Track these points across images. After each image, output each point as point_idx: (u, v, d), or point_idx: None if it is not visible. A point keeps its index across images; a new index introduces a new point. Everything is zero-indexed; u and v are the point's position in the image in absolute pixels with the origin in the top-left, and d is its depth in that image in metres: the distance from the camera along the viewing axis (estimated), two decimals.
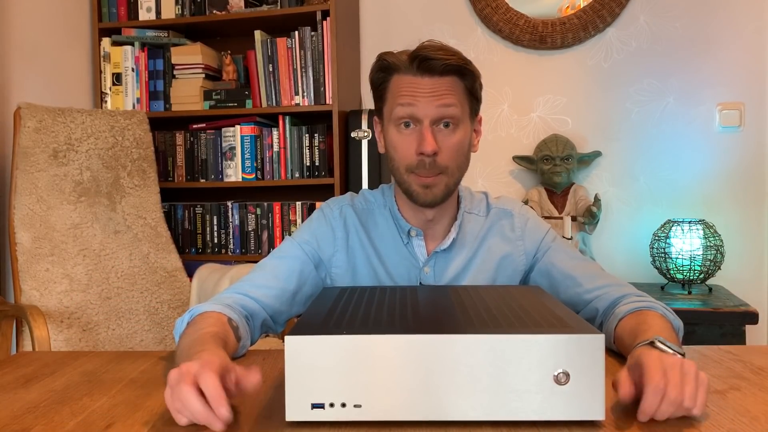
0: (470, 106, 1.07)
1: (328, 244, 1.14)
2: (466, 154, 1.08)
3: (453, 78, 1.04)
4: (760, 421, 0.69)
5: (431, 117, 1.02)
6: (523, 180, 2.57)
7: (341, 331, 0.67)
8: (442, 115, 1.02)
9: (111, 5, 2.56)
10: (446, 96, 1.02)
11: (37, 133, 2.04)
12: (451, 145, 1.04)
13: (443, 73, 1.02)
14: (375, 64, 1.09)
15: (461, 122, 1.05)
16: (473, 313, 0.76)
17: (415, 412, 0.66)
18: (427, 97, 1.02)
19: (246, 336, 0.99)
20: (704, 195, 2.42)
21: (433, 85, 1.02)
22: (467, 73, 1.04)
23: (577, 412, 0.66)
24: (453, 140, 1.04)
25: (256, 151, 2.48)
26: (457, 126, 1.04)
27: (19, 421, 0.72)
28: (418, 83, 1.03)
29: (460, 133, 1.05)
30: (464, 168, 1.09)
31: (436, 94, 1.02)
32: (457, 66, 1.03)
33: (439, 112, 1.02)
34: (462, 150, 1.06)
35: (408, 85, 1.03)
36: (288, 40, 2.43)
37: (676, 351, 0.77)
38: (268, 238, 2.50)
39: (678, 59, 2.43)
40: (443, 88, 1.02)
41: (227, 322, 0.94)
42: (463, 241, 1.14)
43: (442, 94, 1.02)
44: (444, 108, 1.02)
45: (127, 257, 2.14)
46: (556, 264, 1.12)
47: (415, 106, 1.02)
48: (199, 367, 0.67)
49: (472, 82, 1.06)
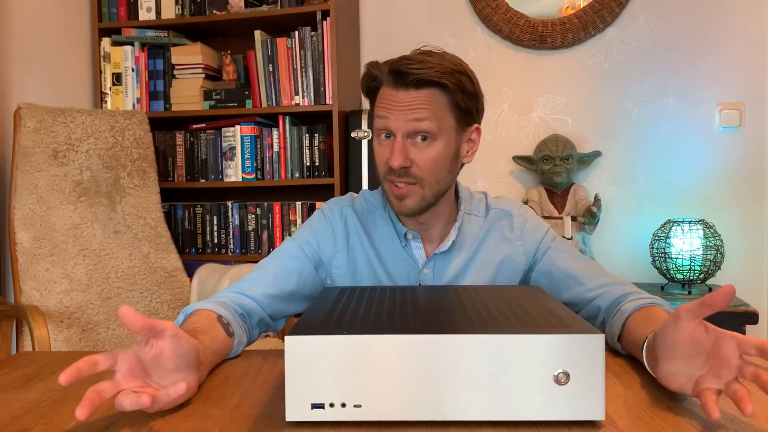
0: (456, 118, 1.04)
1: (328, 244, 1.14)
2: (447, 167, 1.05)
3: (431, 90, 1.01)
4: (760, 421, 0.69)
5: (403, 131, 1.02)
6: (523, 180, 2.57)
7: (341, 331, 0.67)
8: (415, 129, 1.01)
9: (111, 5, 2.56)
10: (419, 110, 1.00)
11: (37, 133, 2.04)
12: (427, 158, 1.02)
13: (418, 86, 1.00)
14: (363, 74, 1.09)
15: (440, 135, 1.02)
16: (473, 313, 0.76)
17: (415, 412, 0.66)
18: (400, 110, 1.01)
19: (241, 332, 0.99)
20: (704, 195, 2.42)
21: (407, 98, 1.01)
22: (448, 86, 1.01)
23: (577, 412, 0.66)
24: (429, 154, 1.02)
25: (256, 151, 2.48)
26: (434, 140, 1.02)
27: (19, 421, 0.72)
28: (393, 96, 1.02)
29: (438, 146, 1.03)
30: (445, 181, 1.06)
31: (410, 108, 1.01)
32: (428, 80, 1.00)
33: (411, 126, 1.01)
34: (440, 163, 1.04)
35: (386, 97, 1.03)
36: (288, 40, 2.43)
37: None
38: (268, 238, 2.50)
39: (678, 59, 2.43)
40: (417, 102, 1.01)
41: (216, 318, 0.94)
42: (463, 243, 1.14)
43: (415, 108, 1.00)
44: (416, 122, 1.01)
45: (127, 257, 2.14)
46: (557, 264, 1.12)
47: (388, 119, 1.02)
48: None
49: (457, 94, 1.02)
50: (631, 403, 0.74)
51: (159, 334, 0.70)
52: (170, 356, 0.71)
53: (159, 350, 0.70)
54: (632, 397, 0.76)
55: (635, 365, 0.89)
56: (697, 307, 0.70)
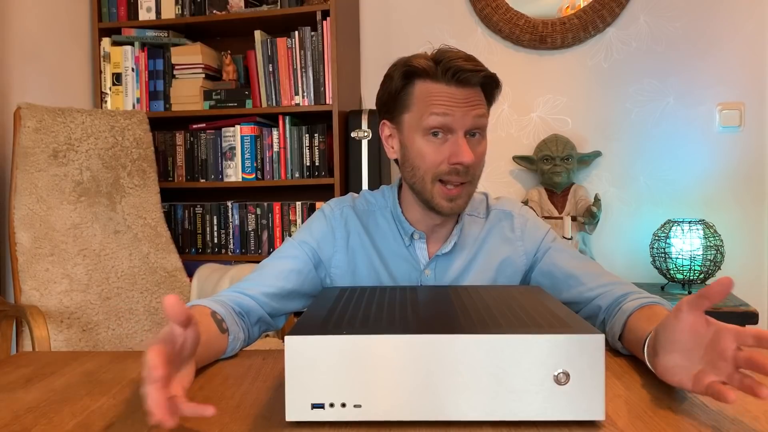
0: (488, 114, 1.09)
1: (327, 244, 1.14)
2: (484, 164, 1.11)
3: (478, 89, 1.05)
4: (760, 421, 0.69)
5: (466, 127, 1.03)
6: (523, 180, 2.57)
7: (341, 331, 0.67)
8: (475, 125, 1.04)
9: (111, 5, 2.56)
10: (479, 106, 1.04)
11: (37, 133, 2.04)
12: (479, 154, 1.06)
13: (474, 84, 1.04)
14: (400, 71, 1.06)
15: (485, 131, 1.07)
16: (473, 313, 0.76)
17: (415, 412, 0.66)
18: (462, 107, 1.02)
19: (237, 329, 0.98)
20: (704, 195, 2.42)
21: (467, 95, 1.03)
22: (493, 83, 1.06)
23: (577, 412, 0.66)
24: (481, 149, 1.06)
25: (256, 151, 2.49)
26: (483, 136, 1.07)
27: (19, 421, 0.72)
28: (453, 93, 1.02)
29: (485, 142, 1.08)
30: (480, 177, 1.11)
31: (471, 105, 1.03)
32: (490, 78, 1.05)
33: (474, 123, 1.03)
34: (484, 158, 1.09)
35: (441, 94, 1.03)
36: (288, 40, 2.43)
37: None
38: (268, 238, 2.50)
39: (678, 59, 2.43)
40: (475, 99, 1.04)
41: (209, 314, 0.94)
42: (464, 244, 1.14)
43: (475, 104, 1.03)
44: (477, 119, 1.03)
45: (127, 257, 2.14)
46: (557, 264, 1.12)
47: (451, 116, 1.02)
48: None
49: (494, 92, 1.08)
50: (631, 403, 0.74)
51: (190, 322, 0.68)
52: (192, 345, 0.70)
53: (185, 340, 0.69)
54: (632, 397, 0.76)
55: (636, 365, 0.89)
56: (696, 300, 0.71)
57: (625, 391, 0.78)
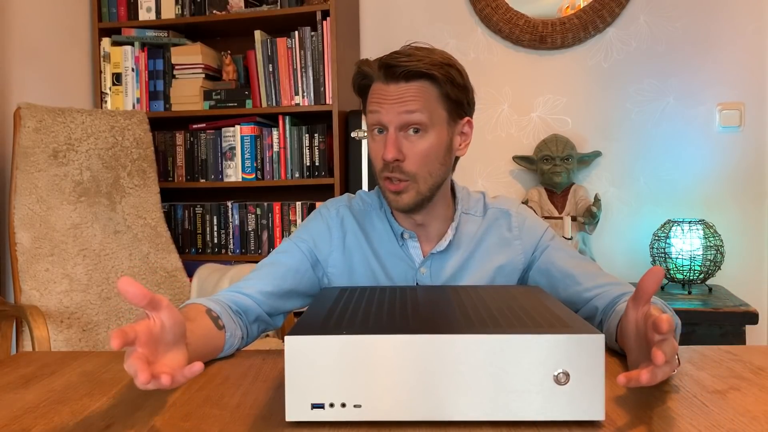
0: (447, 110, 1.05)
1: (324, 243, 1.14)
2: (440, 159, 1.06)
3: (422, 83, 1.02)
4: (760, 421, 0.69)
5: (395, 123, 1.02)
6: (523, 180, 2.57)
7: (341, 331, 0.67)
8: (406, 121, 1.02)
9: (111, 5, 2.56)
10: (410, 102, 1.01)
11: (37, 133, 2.04)
12: (418, 151, 1.03)
13: (408, 78, 1.02)
14: (354, 73, 1.09)
15: (431, 128, 1.03)
16: (473, 313, 0.76)
17: (415, 412, 0.66)
18: (391, 103, 1.02)
19: (234, 326, 0.99)
20: (704, 195, 2.42)
21: (398, 91, 1.02)
22: (438, 78, 1.02)
23: (577, 412, 0.66)
24: (420, 147, 1.03)
25: (256, 151, 2.49)
26: (426, 132, 1.03)
27: (19, 421, 0.72)
28: (384, 90, 1.03)
29: (430, 139, 1.04)
30: (439, 174, 1.07)
31: (400, 101, 1.02)
32: (418, 71, 1.01)
33: (403, 119, 1.02)
34: (433, 156, 1.05)
35: (377, 92, 1.04)
36: (288, 40, 2.43)
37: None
38: (268, 238, 2.50)
39: (678, 59, 2.43)
40: (408, 95, 1.02)
41: (204, 311, 0.94)
42: (460, 242, 1.14)
43: (406, 100, 1.01)
44: (407, 114, 1.01)
45: (127, 257, 2.14)
46: (555, 263, 1.12)
47: (380, 113, 1.03)
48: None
49: (447, 86, 1.03)
50: (631, 403, 0.74)
51: (157, 305, 0.68)
52: (170, 327, 0.69)
53: (160, 322, 0.69)
54: (632, 397, 0.76)
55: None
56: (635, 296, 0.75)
57: (625, 391, 0.78)
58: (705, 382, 0.83)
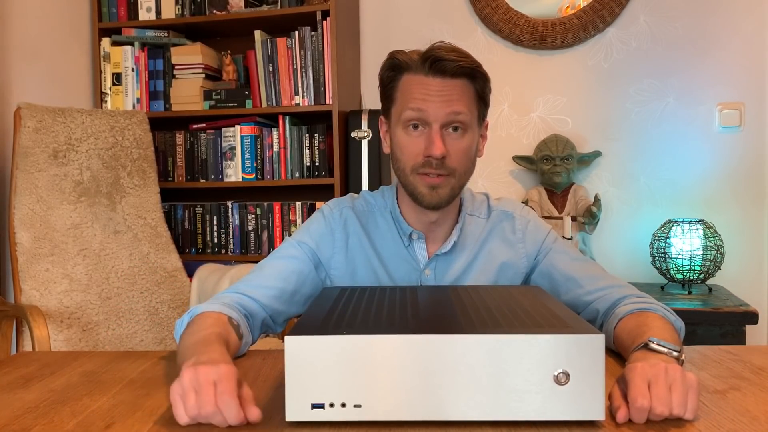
0: (479, 111, 1.07)
1: (327, 245, 1.13)
2: (472, 159, 1.08)
3: (464, 81, 1.03)
4: (760, 421, 0.69)
5: (441, 121, 1.02)
6: (523, 180, 2.57)
7: (341, 331, 0.67)
8: (452, 120, 1.02)
9: (111, 5, 2.56)
10: (456, 102, 1.02)
11: (37, 133, 2.04)
12: (460, 149, 1.04)
13: (454, 75, 1.02)
14: (385, 62, 1.08)
15: (470, 127, 1.05)
16: (473, 313, 0.76)
17: (415, 412, 0.66)
18: (438, 101, 1.01)
19: (248, 334, 0.99)
20: (704, 195, 2.42)
21: (443, 87, 1.02)
22: (478, 77, 1.04)
23: (577, 412, 0.66)
24: (461, 145, 1.04)
25: (256, 151, 2.48)
26: (465, 131, 1.04)
27: (19, 421, 0.72)
28: (429, 84, 1.02)
29: (469, 137, 1.05)
30: (470, 172, 1.09)
31: (447, 99, 1.01)
32: (469, 69, 1.03)
33: (450, 118, 1.02)
34: (469, 155, 1.06)
35: (418, 85, 1.02)
36: (288, 40, 2.43)
37: (672, 349, 0.78)
38: (268, 238, 2.50)
39: (678, 59, 2.43)
40: (454, 92, 1.02)
41: (227, 321, 0.94)
42: (464, 244, 1.13)
43: (452, 99, 1.02)
44: (454, 115, 1.02)
45: (127, 257, 2.14)
46: (557, 266, 1.12)
47: (425, 111, 1.01)
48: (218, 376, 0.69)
49: (482, 87, 1.06)
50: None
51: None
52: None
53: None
54: None
55: None
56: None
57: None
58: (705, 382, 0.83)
